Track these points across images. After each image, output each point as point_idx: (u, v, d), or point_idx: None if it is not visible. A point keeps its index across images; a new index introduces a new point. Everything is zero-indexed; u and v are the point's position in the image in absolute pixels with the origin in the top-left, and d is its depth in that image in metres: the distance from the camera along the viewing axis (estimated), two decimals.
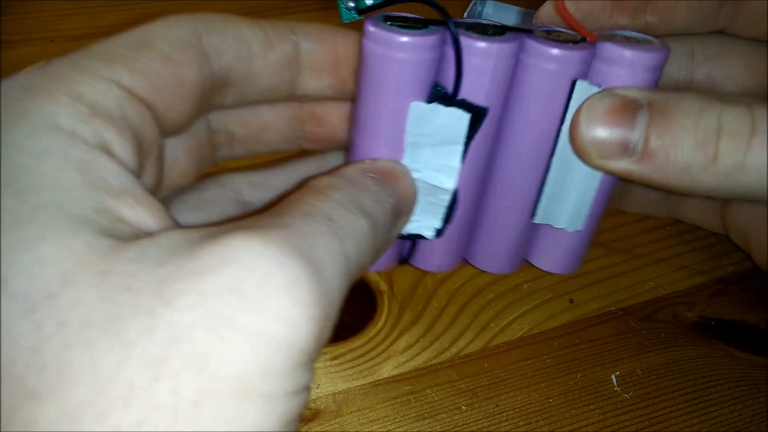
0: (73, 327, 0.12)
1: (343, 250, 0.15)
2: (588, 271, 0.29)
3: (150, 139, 0.16)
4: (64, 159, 0.13)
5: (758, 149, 0.18)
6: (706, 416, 0.25)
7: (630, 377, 0.26)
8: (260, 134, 0.22)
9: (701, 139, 0.18)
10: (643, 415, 0.25)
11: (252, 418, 0.12)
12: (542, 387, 0.26)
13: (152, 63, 0.16)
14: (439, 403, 0.25)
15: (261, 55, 0.18)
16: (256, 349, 0.12)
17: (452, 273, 0.28)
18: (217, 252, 0.13)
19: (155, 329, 0.12)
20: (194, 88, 0.17)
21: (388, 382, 0.26)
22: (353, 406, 0.25)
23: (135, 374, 0.11)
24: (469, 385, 0.26)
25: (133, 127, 0.15)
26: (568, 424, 0.25)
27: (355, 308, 0.27)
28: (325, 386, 0.25)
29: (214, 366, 0.12)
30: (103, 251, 0.12)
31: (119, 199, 0.14)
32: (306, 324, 0.13)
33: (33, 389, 0.11)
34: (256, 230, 0.13)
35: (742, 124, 0.18)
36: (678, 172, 0.19)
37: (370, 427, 0.24)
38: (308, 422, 0.25)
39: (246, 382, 0.12)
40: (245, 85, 0.19)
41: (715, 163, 0.18)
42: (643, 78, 0.19)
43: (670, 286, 0.29)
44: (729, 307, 0.28)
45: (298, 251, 0.13)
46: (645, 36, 0.20)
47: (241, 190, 0.21)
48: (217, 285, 0.12)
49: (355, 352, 0.26)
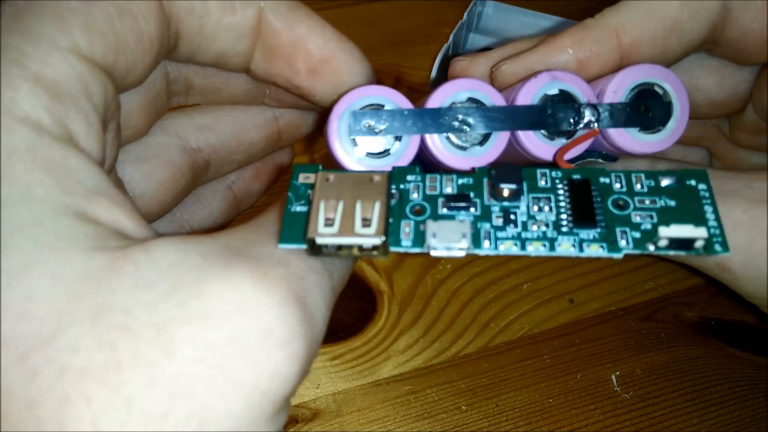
0: (71, 377, 0.11)
1: (332, 285, 0.14)
2: (588, 271, 0.29)
3: (112, 109, 0.15)
4: (33, 160, 0.12)
5: None
6: (706, 416, 0.25)
7: (630, 377, 0.26)
8: (221, 87, 0.20)
9: None
10: (643, 415, 0.25)
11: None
12: (542, 387, 0.26)
13: (108, 17, 0.14)
14: (439, 403, 0.25)
15: (216, 15, 0.17)
16: (250, 404, 0.12)
17: (452, 273, 0.28)
18: (224, 295, 0.12)
19: (156, 383, 0.11)
20: (154, 43, 0.16)
21: (388, 382, 0.26)
22: (353, 406, 0.25)
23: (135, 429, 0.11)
24: (469, 385, 0.26)
25: (96, 105, 0.14)
26: (568, 424, 0.25)
27: (355, 308, 0.27)
28: (325, 386, 0.25)
29: (212, 423, 0.12)
30: (97, 276, 0.12)
31: (94, 202, 0.13)
32: (296, 376, 0.13)
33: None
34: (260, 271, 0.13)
35: None
36: None
37: (370, 427, 0.24)
38: (308, 422, 0.25)
39: (236, 428, 0.12)
40: (194, 43, 0.17)
41: None
42: None
43: (670, 286, 0.29)
44: (729, 307, 0.28)
45: (297, 297, 0.13)
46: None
47: (187, 135, 0.20)
48: (222, 337, 0.12)
49: (355, 352, 0.26)
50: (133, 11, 0.15)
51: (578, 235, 0.16)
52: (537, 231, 0.16)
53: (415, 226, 0.15)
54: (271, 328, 0.12)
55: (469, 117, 0.18)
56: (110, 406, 0.11)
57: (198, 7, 0.17)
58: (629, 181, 0.17)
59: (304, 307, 0.13)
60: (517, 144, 0.18)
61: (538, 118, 0.18)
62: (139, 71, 0.16)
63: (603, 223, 0.16)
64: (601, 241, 0.16)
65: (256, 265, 0.13)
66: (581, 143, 0.18)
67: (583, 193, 0.16)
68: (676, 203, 0.16)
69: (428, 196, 0.16)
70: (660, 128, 0.19)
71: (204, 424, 0.12)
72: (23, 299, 0.11)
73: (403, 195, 0.16)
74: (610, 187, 0.16)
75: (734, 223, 0.18)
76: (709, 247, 0.15)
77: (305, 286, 0.13)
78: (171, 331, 0.12)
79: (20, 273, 0.11)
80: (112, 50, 0.14)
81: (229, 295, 0.12)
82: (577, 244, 0.16)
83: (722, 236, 0.16)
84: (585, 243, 0.16)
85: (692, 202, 0.16)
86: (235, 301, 0.12)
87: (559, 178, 0.16)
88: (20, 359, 0.11)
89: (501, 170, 0.16)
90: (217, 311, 0.12)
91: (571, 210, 0.16)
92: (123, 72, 0.15)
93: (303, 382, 0.26)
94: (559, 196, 0.16)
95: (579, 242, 0.16)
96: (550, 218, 0.16)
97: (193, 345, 0.12)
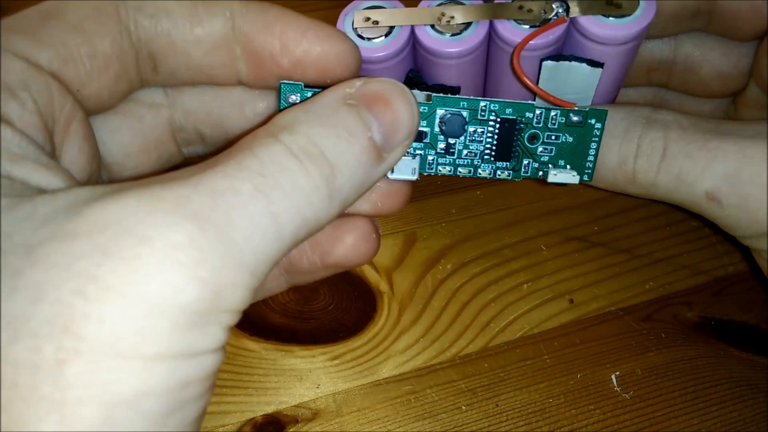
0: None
1: (270, 210, 0.14)
2: (588, 271, 0.29)
3: (65, 112, 0.16)
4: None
5: (665, 173, 0.21)
6: (706, 416, 0.25)
7: (630, 377, 0.26)
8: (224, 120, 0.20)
9: (622, 158, 0.21)
10: (643, 415, 0.25)
11: (133, 378, 0.12)
12: (542, 387, 0.26)
13: (60, 33, 0.16)
14: (439, 403, 0.25)
15: (183, 31, 0.17)
16: (129, 311, 0.12)
17: (452, 273, 0.28)
18: (99, 214, 0.12)
19: (17, 289, 0.12)
20: (110, 60, 0.17)
21: (388, 382, 0.26)
22: (353, 406, 0.25)
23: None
24: (469, 385, 0.26)
25: (38, 100, 0.15)
26: (568, 424, 0.25)
27: (355, 308, 0.27)
28: (325, 386, 0.25)
29: (77, 326, 0.12)
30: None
31: (19, 164, 0.14)
32: (192, 286, 0.12)
33: None
34: (152, 192, 0.13)
35: (656, 147, 0.21)
36: (606, 182, 0.22)
37: (370, 427, 0.24)
38: (308, 422, 0.25)
39: (120, 344, 0.12)
40: (171, 62, 0.18)
41: (634, 179, 0.21)
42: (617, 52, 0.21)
43: (670, 286, 0.28)
44: (729, 307, 0.28)
45: (192, 214, 0.13)
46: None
47: None
48: (89, 247, 0.12)
49: (355, 352, 0.26)
50: (87, 29, 0.16)
51: (495, 164, 0.21)
52: (467, 158, 0.21)
53: None
54: (147, 237, 0.12)
55: (452, 11, 0.21)
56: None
57: (164, 25, 0.17)
58: (547, 117, 0.20)
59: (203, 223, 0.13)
60: (495, 33, 0.21)
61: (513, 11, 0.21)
62: (98, 86, 0.17)
63: (515, 156, 0.21)
64: (510, 170, 0.21)
65: (153, 187, 0.13)
66: (549, 29, 0.20)
67: (508, 132, 0.20)
68: (573, 139, 0.21)
69: None
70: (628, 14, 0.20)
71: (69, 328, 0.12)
72: None
73: None
74: (531, 122, 0.20)
75: (724, 153, 0.20)
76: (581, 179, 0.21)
77: (214, 204, 0.13)
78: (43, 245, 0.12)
79: None
80: (58, 58, 0.16)
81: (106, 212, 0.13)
82: (492, 171, 0.21)
83: (591, 172, 0.21)
84: (498, 171, 0.21)
85: (585, 139, 0.21)
86: (110, 215, 0.12)
87: (494, 112, 0.20)
88: None
89: (449, 122, 0.20)
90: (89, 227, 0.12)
91: (495, 146, 0.21)
92: (75, 82, 0.16)
93: (303, 382, 0.26)
94: (489, 131, 0.20)
95: (494, 170, 0.21)
96: (479, 150, 0.21)
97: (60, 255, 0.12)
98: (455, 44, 0.21)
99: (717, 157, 0.20)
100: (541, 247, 0.29)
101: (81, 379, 0.12)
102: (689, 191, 0.21)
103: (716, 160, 0.20)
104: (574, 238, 0.30)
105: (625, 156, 0.21)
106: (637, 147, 0.21)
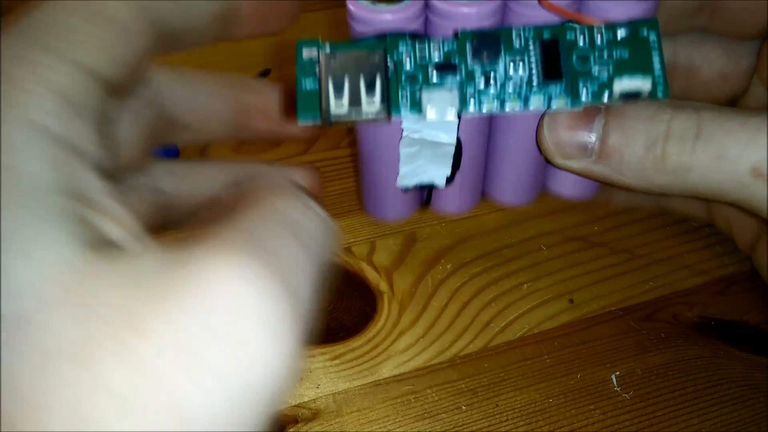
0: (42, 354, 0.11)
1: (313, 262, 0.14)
2: (588, 271, 0.29)
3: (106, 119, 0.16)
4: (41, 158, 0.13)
5: (702, 152, 0.19)
6: (706, 416, 0.25)
7: (630, 377, 0.26)
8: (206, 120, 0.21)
9: (651, 140, 0.20)
10: (643, 415, 0.25)
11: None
12: (542, 387, 0.26)
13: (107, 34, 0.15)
14: (439, 403, 0.25)
15: None
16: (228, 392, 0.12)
17: (452, 273, 0.28)
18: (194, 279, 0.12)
19: (124, 362, 0.11)
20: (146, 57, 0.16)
21: (388, 382, 0.26)
22: (353, 406, 0.25)
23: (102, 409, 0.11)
24: (469, 385, 0.26)
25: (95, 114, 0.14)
26: (568, 424, 0.25)
27: (355, 308, 0.27)
28: (325, 386, 0.25)
29: (182, 405, 0.11)
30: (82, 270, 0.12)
31: (92, 208, 0.13)
32: (282, 363, 0.12)
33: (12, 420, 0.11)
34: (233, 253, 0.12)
35: (689, 127, 0.19)
36: (631, 171, 0.20)
37: (370, 427, 0.24)
38: (308, 422, 0.25)
39: (216, 425, 0.12)
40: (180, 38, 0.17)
41: (664, 164, 0.20)
42: None
43: (670, 286, 0.28)
44: (729, 307, 0.28)
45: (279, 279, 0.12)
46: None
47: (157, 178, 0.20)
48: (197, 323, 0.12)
49: (355, 352, 0.26)
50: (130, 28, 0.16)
51: (546, 90, 0.18)
52: (513, 90, 0.19)
53: (411, 95, 0.18)
54: (250, 311, 0.12)
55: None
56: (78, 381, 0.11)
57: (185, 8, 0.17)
58: (591, 35, 0.19)
59: (284, 283, 0.13)
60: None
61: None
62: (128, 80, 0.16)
63: (568, 77, 0.18)
64: (566, 96, 0.18)
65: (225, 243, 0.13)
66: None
67: (552, 52, 0.18)
68: (629, 54, 0.19)
69: (419, 65, 0.18)
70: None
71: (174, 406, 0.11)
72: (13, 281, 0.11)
73: (397, 66, 0.18)
74: (575, 43, 0.19)
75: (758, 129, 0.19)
76: (653, 94, 0.19)
77: (284, 265, 0.13)
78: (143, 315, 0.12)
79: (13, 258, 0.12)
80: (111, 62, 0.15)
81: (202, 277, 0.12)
82: (546, 100, 0.18)
83: (664, 84, 0.19)
84: (553, 100, 0.18)
85: (642, 51, 0.19)
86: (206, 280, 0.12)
87: (531, 38, 0.19)
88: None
89: (481, 39, 0.18)
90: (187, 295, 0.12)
91: (541, 67, 0.18)
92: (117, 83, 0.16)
93: (303, 382, 0.26)
94: (531, 56, 0.19)
95: (548, 99, 0.18)
96: (524, 76, 0.19)
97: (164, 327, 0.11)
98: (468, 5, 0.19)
99: (761, 130, 0.19)
100: (541, 247, 0.29)
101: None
102: (731, 168, 0.19)
103: (760, 133, 0.19)
104: (574, 238, 0.30)
105: (654, 138, 0.20)
106: (668, 128, 0.20)
